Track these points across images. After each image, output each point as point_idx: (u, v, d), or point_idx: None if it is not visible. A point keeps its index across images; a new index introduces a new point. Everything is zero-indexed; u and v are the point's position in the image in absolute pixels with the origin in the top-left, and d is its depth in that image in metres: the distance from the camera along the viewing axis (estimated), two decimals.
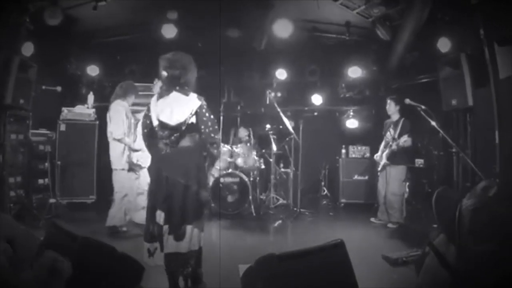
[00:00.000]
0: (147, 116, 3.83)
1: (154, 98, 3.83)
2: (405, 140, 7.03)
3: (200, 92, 3.85)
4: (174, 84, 3.74)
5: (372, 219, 7.70)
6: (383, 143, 7.76)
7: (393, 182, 7.35)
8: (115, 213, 6.30)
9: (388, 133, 7.58)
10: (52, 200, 7.44)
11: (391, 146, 7.34)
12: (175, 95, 3.72)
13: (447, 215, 0.92)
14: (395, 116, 7.57)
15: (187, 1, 7.62)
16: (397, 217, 7.25)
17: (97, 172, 8.46)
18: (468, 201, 0.92)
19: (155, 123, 3.72)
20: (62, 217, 7.08)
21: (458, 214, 0.91)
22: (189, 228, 3.62)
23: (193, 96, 3.74)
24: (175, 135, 3.68)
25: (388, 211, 7.37)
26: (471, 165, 5.94)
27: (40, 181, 7.76)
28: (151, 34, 8.59)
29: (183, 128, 3.66)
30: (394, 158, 7.34)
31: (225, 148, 8.25)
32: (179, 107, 3.66)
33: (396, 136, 7.30)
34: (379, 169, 7.65)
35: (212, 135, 3.69)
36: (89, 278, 2.64)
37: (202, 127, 3.68)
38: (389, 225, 7.25)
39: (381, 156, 7.58)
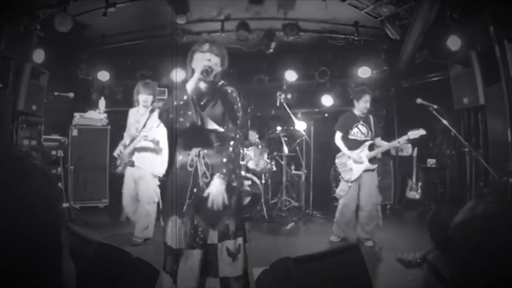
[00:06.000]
0: None
1: None
2: (404, 146, 6.36)
3: None
4: None
5: (333, 238, 6.46)
6: (342, 143, 6.39)
7: (372, 189, 6.21)
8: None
9: (357, 130, 6.30)
10: (65, 205, 7.50)
11: (375, 146, 6.32)
12: None
13: (439, 232, 0.99)
14: (363, 112, 6.38)
15: (196, 6, 7.66)
16: (371, 231, 6.18)
17: (109, 176, 8.52)
18: (457, 219, 0.97)
19: None
20: (75, 222, 7.14)
21: (448, 231, 0.97)
22: None
23: None
24: None
25: (364, 229, 6.18)
26: (484, 164, 5.90)
27: None
28: (161, 39, 8.65)
29: None
30: (374, 160, 6.26)
31: None
32: None
33: (374, 134, 6.31)
34: (353, 178, 6.20)
35: None
36: (103, 283, 2.65)
37: None
38: (368, 243, 6.07)
39: (360, 158, 6.21)
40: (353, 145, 6.27)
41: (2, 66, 6.41)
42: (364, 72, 9.25)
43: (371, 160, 6.19)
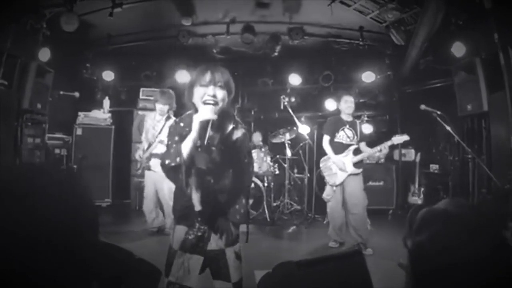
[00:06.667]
0: None
1: None
2: (384, 152, 6.18)
3: None
4: None
5: (332, 244, 6.43)
6: (328, 147, 6.36)
7: (358, 192, 6.16)
8: None
9: (343, 134, 6.33)
10: None
11: (358, 150, 6.28)
12: None
13: (410, 220, 1.27)
14: (347, 113, 6.45)
15: (202, 8, 7.69)
16: (365, 235, 6.08)
17: (112, 176, 8.55)
18: (422, 211, 1.24)
19: None
20: None
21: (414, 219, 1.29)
22: None
23: None
24: None
25: (356, 232, 6.08)
26: (486, 171, 5.89)
27: None
28: (166, 40, 8.68)
29: None
30: (359, 164, 6.23)
31: None
32: None
33: (359, 139, 6.34)
34: (337, 182, 6.22)
35: None
36: (106, 283, 2.66)
37: None
38: (368, 251, 5.92)
39: (344, 165, 6.19)
40: (338, 148, 6.29)
41: (8, 64, 6.43)
42: (368, 77, 9.24)
43: (356, 164, 6.18)
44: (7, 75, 6.44)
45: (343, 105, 6.44)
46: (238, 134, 2.97)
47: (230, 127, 2.94)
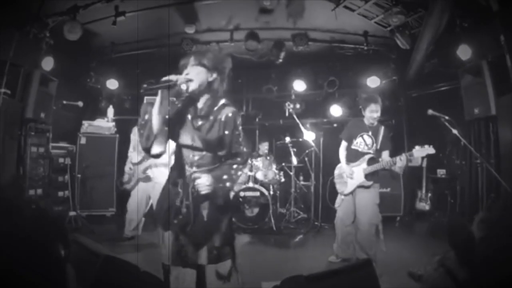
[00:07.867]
0: None
1: None
2: (400, 165, 5.62)
3: None
4: None
5: (332, 258, 6.06)
6: (344, 153, 6.03)
7: (370, 207, 5.63)
8: None
9: (361, 140, 5.87)
10: (72, 213, 7.48)
11: (374, 159, 5.76)
12: None
13: (460, 242, 1.11)
14: (373, 121, 5.91)
15: (205, 15, 7.67)
16: (371, 254, 5.51)
17: (116, 185, 8.50)
18: (479, 234, 1.10)
19: None
20: (82, 230, 7.14)
21: (468, 242, 1.10)
22: None
23: None
24: None
25: (362, 250, 5.62)
26: (495, 175, 5.80)
27: (60, 193, 7.81)
28: (170, 48, 8.66)
29: None
30: (373, 175, 5.71)
31: None
32: None
33: (378, 147, 5.83)
34: (346, 192, 5.85)
35: None
36: None
37: None
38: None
39: (352, 173, 5.79)
40: (353, 156, 5.87)
41: (11, 73, 6.42)
42: (373, 81, 9.16)
43: (368, 176, 5.68)
44: (10, 84, 6.43)
45: (368, 114, 5.88)
46: (226, 112, 3.02)
47: (219, 104, 3.05)
